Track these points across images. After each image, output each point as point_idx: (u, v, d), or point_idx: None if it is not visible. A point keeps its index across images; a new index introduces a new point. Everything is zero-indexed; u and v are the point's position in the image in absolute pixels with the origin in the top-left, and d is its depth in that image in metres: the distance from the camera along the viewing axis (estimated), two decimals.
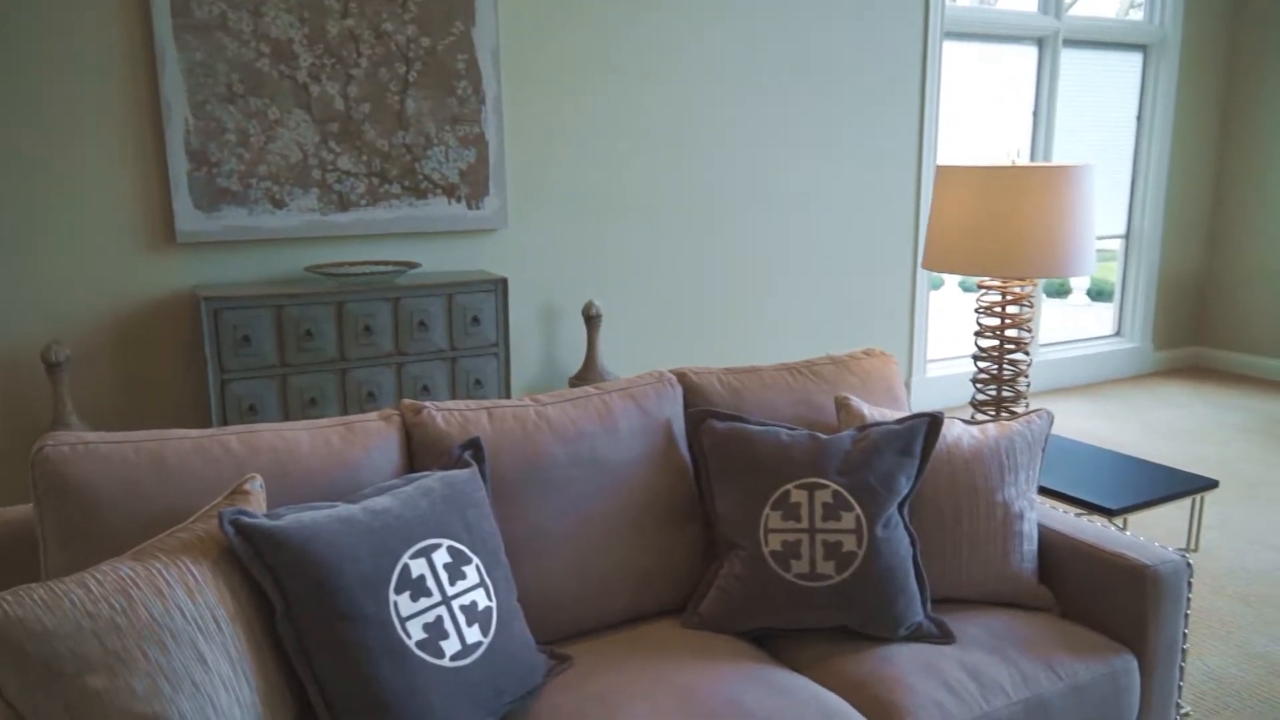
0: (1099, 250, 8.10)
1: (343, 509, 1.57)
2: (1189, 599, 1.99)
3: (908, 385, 5.31)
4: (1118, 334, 6.31)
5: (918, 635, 1.91)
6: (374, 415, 1.87)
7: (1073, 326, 6.58)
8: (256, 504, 1.57)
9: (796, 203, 4.74)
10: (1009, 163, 2.47)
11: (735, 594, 1.93)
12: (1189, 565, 1.98)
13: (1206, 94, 6.09)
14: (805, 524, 1.90)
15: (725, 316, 4.66)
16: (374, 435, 1.81)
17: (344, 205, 3.63)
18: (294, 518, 1.52)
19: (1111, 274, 6.52)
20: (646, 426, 2.04)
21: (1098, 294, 9.13)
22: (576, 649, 1.89)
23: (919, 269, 5.22)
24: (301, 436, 1.76)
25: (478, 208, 3.88)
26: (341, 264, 3.57)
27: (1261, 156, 6.02)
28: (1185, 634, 2.02)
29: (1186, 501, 3.96)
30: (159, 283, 3.44)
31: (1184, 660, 2.56)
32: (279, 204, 3.52)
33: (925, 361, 5.38)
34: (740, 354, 4.74)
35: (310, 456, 1.73)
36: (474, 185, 3.85)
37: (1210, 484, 2.37)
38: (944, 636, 1.91)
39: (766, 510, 1.92)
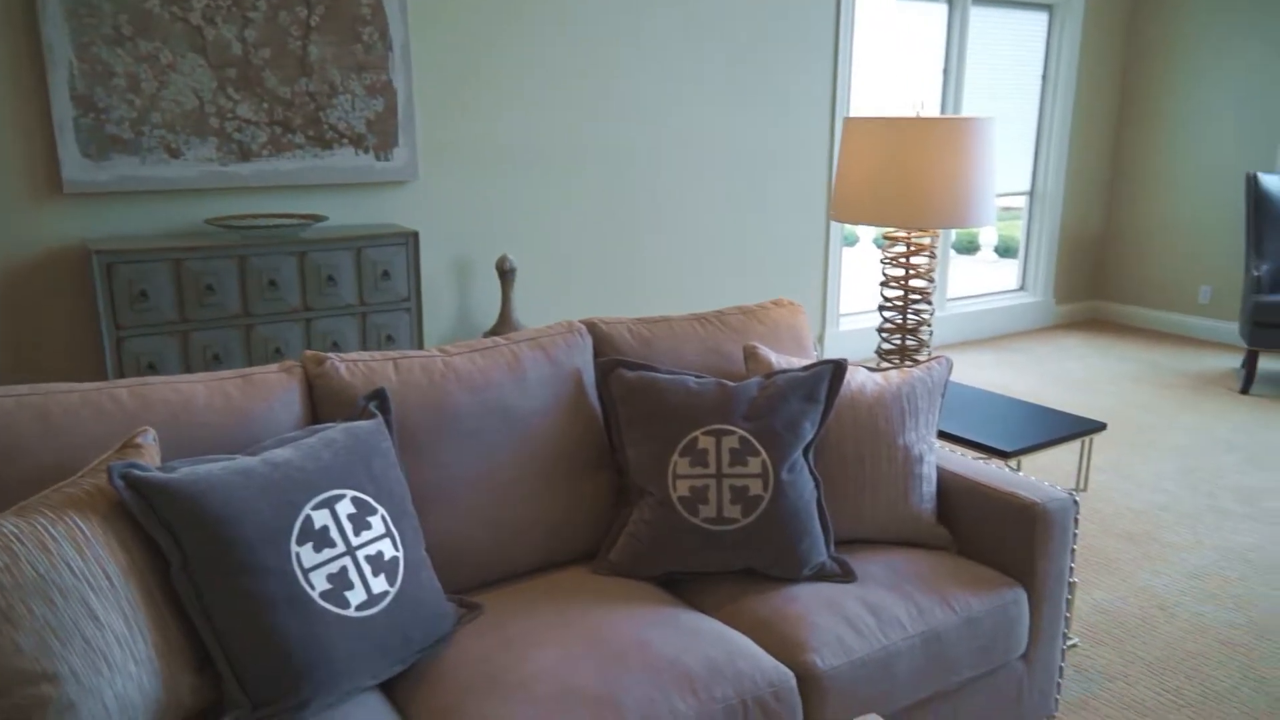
0: (1007, 208, 8.34)
1: (241, 461, 1.54)
2: (1075, 535, 2.09)
3: (821, 339, 5.41)
4: (1022, 289, 6.52)
5: (821, 575, 1.97)
6: (274, 367, 1.82)
7: (981, 282, 6.77)
8: (149, 458, 1.52)
9: (711, 156, 4.75)
10: (914, 114, 2.51)
11: (645, 540, 1.96)
12: (1076, 503, 2.08)
13: (1108, 55, 6.27)
14: (713, 469, 1.93)
15: (641, 269, 4.66)
16: (274, 387, 1.77)
17: (245, 155, 3.51)
18: (189, 470, 1.48)
19: (1018, 231, 6.70)
20: (556, 376, 2.04)
21: (1005, 251, 9.40)
22: (488, 597, 1.89)
23: (832, 223, 5.30)
24: (197, 389, 1.71)
25: (386, 159, 3.79)
26: (244, 217, 3.45)
27: (1158, 118, 6.24)
28: (1072, 568, 2.12)
29: (1078, 445, 4.15)
30: (46, 235, 3.28)
31: (1071, 593, 2.68)
32: (175, 153, 3.38)
33: (839, 315, 5.48)
34: (656, 307, 4.76)
35: (207, 409, 1.68)
36: (382, 136, 3.76)
37: (1098, 426, 2.48)
38: (846, 575, 1.97)
39: (675, 457, 1.95)
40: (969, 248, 9.73)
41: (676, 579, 2.03)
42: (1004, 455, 2.32)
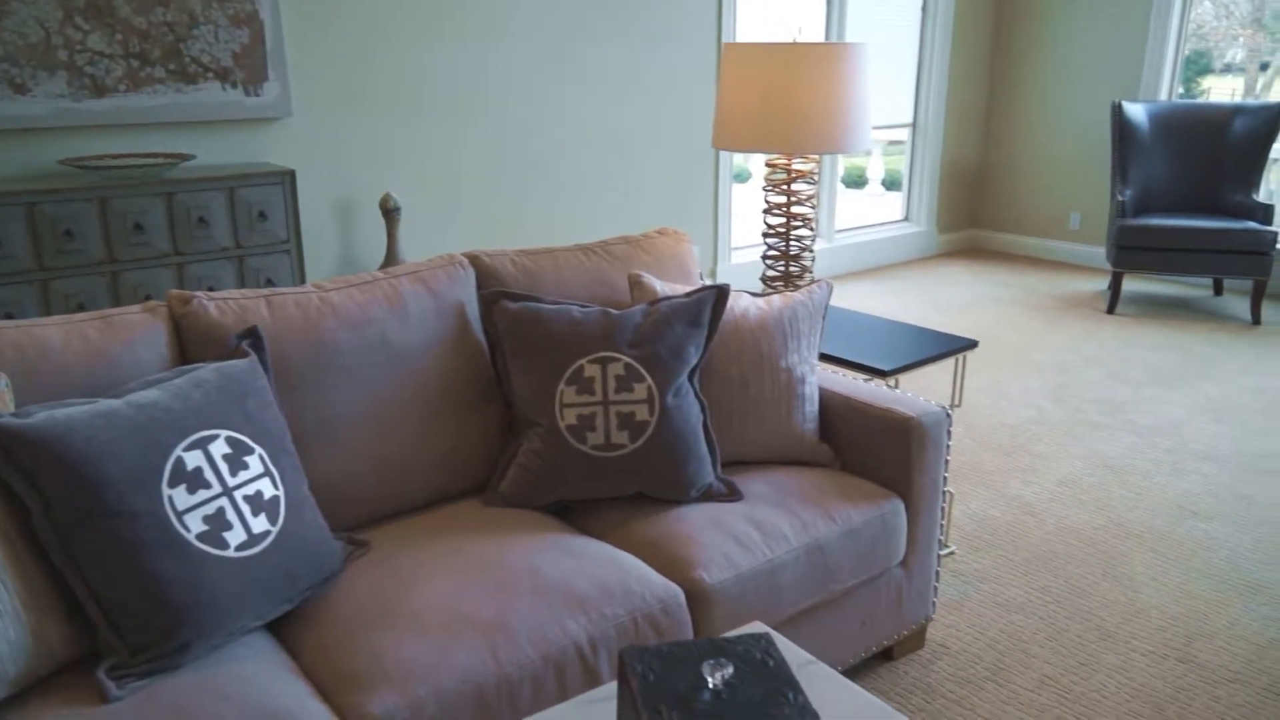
0: (894, 141, 8.50)
1: (103, 404, 1.47)
2: (949, 446, 2.19)
3: (714, 272, 5.47)
4: (906, 219, 6.70)
5: (709, 496, 2.02)
6: (136, 307, 1.75)
7: (869, 214, 6.92)
8: (1, 404, 1.45)
9: (596, 87, 4.69)
10: (792, 40, 2.53)
11: (534, 470, 1.97)
12: (949, 416, 2.17)
13: None
14: (599, 397, 1.94)
15: (531, 206, 4.61)
16: (137, 328, 1.70)
17: (99, 90, 3.30)
18: (46, 415, 1.41)
19: (902, 164, 6.85)
20: (438, 309, 2.01)
21: (891, 184, 9.61)
22: (378, 534, 1.88)
23: (721, 155, 5.32)
24: (52, 333, 1.62)
25: (256, 94, 3.62)
26: (102, 157, 3.26)
27: (1031, 52, 6.43)
28: (946, 478, 2.23)
29: (954, 364, 4.33)
30: None
31: (946, 502, 2.82)
32: (20, 89, 3.16)
33: (730, 249, 5.53)
34: (548, 242, 4.71)
35: (63, 352, 1.60)
36: (250, 69, 3.58)
37: (970, 344, 2.59)
38: (733, 495, 2.03)
39: (561, 386, 1.95)
40: (858, 181, 9.90)
41: (568, 507, 2.05)
42: (883, 374, 2.40)
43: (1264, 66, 7.30)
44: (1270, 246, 4.88)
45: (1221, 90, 7.24)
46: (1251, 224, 4.94)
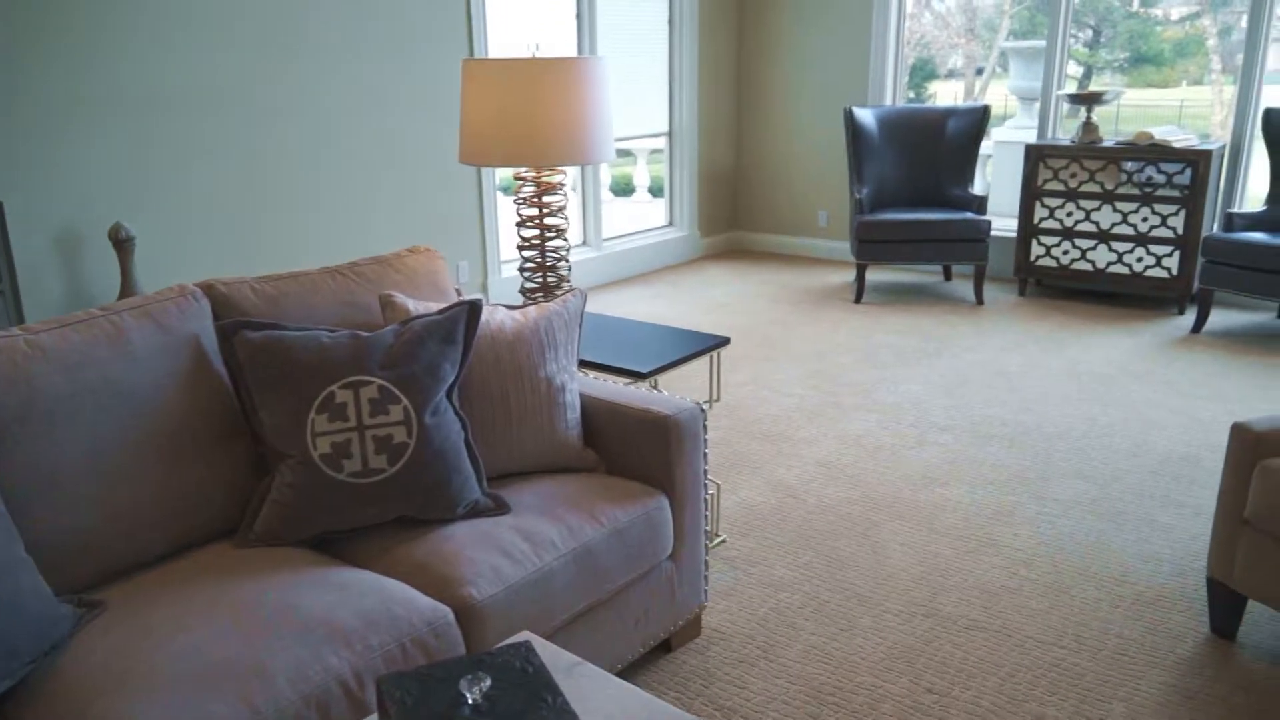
0: (656, 150, 8.78)
1: None
2: (706, 440, 2.29)
3: (484, 286, 5.44)
4: (670, 225, 6.94)
5: (476, 511, 2.01)
6: None
7: (637, 221, 7.11)
8: None
9: (348, 103, 4.56)
10: (529, 55, 2.56)
11: (290, 504, 1.89)
12: (704, 411, 2.27)
13: (724, 1, 6.75)
14: (353, 422, 1.89)
15: (285, 230, 4.41)
16: None
17: None
18: None
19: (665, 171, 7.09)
20: (168, 345, 1.89)
21: (657, 190, 9.93)
22: (115, 592, 1.74)
23: (484, 169, 5.30)
24: None
25: None
26: None
27: (770, 63, 6.84)
28: (706, 470, 2.33)
29: (712, 360, 4.54)
30: None
31: (712, 493, 2.95)
32: None
33: (500, 262, 5.53)
34: (307, 266, 4.53)
35: None
36: None
37: (723, 341, 2.72)
38: (500, 508, 2.03)
39: (312, 414, 1.89)
40: (625, 190, 10.16)
41: (330, 538, 1.98)
42: (641, 376, 2.48)
43: (979, 71, 8.13)
44: (985, 234, 5.44)
45: (946, 93, 8.00)
46: (969, 214, 5.49)
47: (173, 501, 1.84)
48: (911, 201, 5.90)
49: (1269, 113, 4.93)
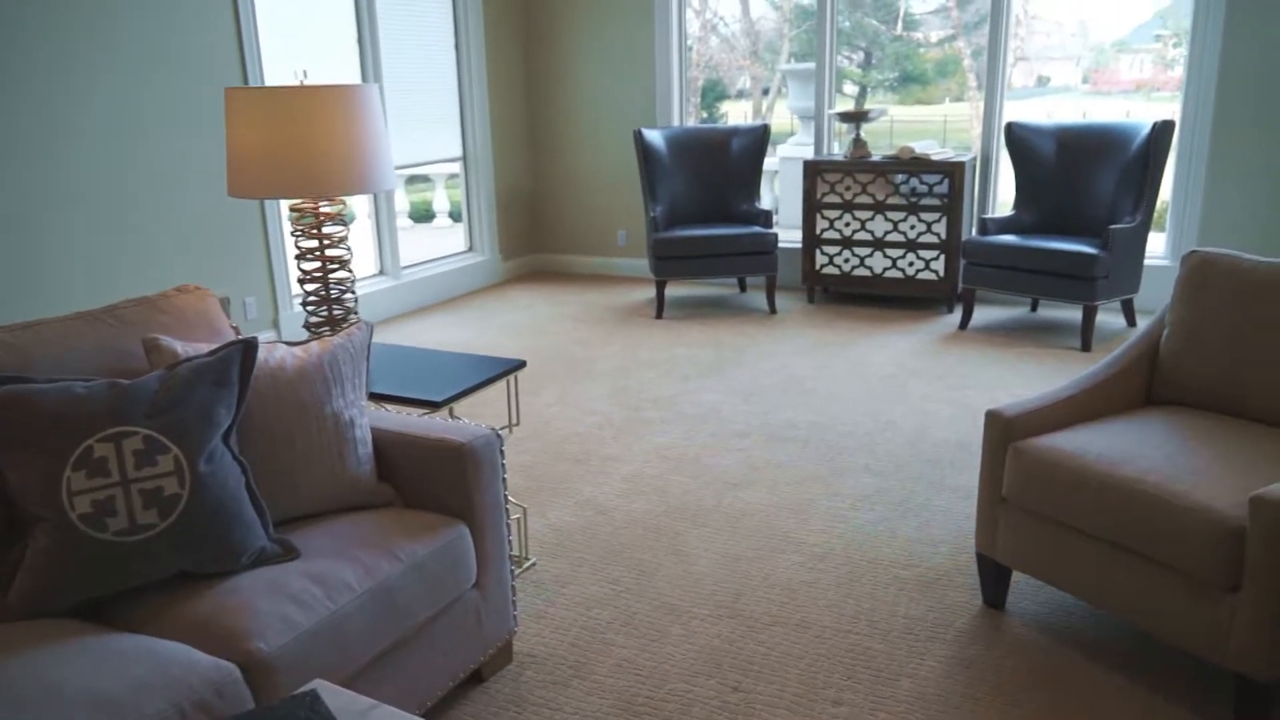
0: (454, 175, 8.68)
1: None
2: (504, 465, 2.29)
3: (275, 322, 5.20)
4: (471, 249, 6.88)
5: (262, 560, 1.92)
6: None
7: (438, 247, 7.00)
8: None
9: (117, 133, 4.26)
10: (297, 83, 2.49)
11: (46, 571, 1.73)
12: (500, 437, 2.27)
13: (509, 23, 6.78)
14: (116, 477, 1.76)
15: (39, 274, 4.05)
16: None
17: None
18: None
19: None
20: None
21: (458, 215, 9.82)
22: None
23: (268, 202, 5.08)
24: None
25: None
26: None
27: (558, 88, 6.92)
28: (507, 495, 2.32)
29: (510, 384, 4.54)
30: None
31: (516, 517, 2.94)
32: None
33: (290, 297, 5.30)
34: (75, 309, 4.18)
35: None
36: None
37: (518, 365, 2.73)
38: (289, 554, 1.94)
39: (67, 473, 1.74)
40: (425, 216, 9.99)
41: (103, 602, 1.83)
42: (435, 405, 2.45)
43: (765, 91, 8.53)
44: (773, 246, 5.71)
45: (737, 113, 8.35)
46: (757, 228, 5.75)
47: None
48: (703, 218, 6.12)
49: (1010, 126, 5.46)
